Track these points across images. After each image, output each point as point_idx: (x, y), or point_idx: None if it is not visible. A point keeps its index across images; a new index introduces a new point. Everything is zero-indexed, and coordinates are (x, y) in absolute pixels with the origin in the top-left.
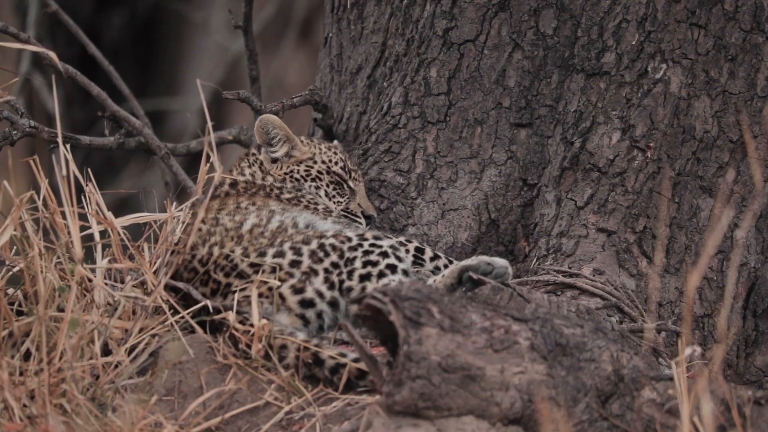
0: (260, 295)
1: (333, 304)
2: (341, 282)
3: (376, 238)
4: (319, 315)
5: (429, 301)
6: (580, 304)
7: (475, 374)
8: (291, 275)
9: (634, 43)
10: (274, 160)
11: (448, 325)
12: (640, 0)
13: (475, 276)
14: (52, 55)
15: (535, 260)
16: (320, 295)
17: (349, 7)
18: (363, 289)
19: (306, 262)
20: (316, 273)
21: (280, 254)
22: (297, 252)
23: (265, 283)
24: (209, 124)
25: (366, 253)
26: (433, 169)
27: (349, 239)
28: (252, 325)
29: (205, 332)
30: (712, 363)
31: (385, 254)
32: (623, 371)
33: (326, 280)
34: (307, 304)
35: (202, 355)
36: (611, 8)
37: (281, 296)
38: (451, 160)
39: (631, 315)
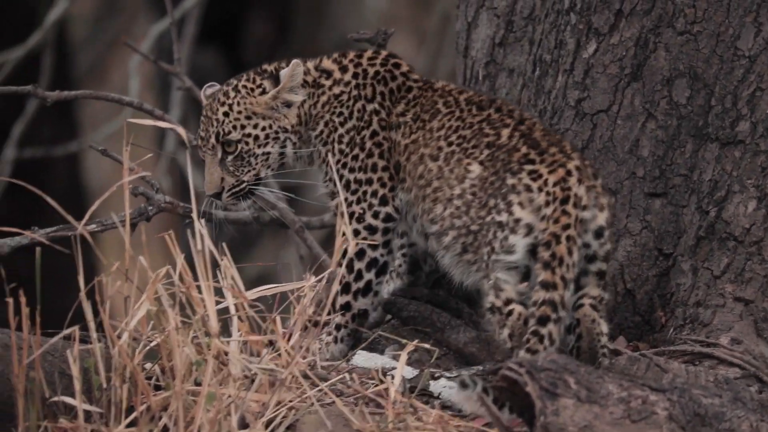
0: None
1: None
2: None
3: None
4: None
5: (565, 371)
6: (718, 374)
7: None
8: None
9: None
10: None
11: (584, 396)
12: None
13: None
14: (182, 131)
15: (671, 330)
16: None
17: (481, 79)
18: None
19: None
20: None
21: None
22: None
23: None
24: (342, 196)
25: None
26: None
27: None
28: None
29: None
30: None
31: None
32: None
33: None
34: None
35: (339, 428)
36: (745, 77)
37: (550, 337)
38: None
39: None
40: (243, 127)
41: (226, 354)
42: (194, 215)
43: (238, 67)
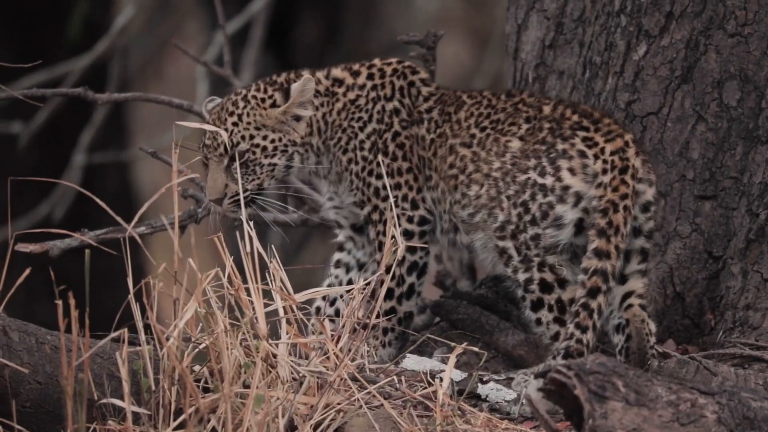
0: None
1: None
2: None
3: None
4: None
5: (614, 374)
6: (767, 377)
7: None
8: None
9: None
10: None
11: (633, 399)
12: None
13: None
14: (224, 134)
15: (721, 333)
16: None
17: (531, 81)
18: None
19: None
20: None
21: None
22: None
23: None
24: (391, 200)
25: None
26: None
27: None
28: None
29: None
30: None
31: None
32: None
33: None
34: None
35: (387, 430)
36: None
37: (599, 309)
38: None
39: None
40: (252, 137)
41: (275, 356)
42: (243, 218)
43: (289, 69)
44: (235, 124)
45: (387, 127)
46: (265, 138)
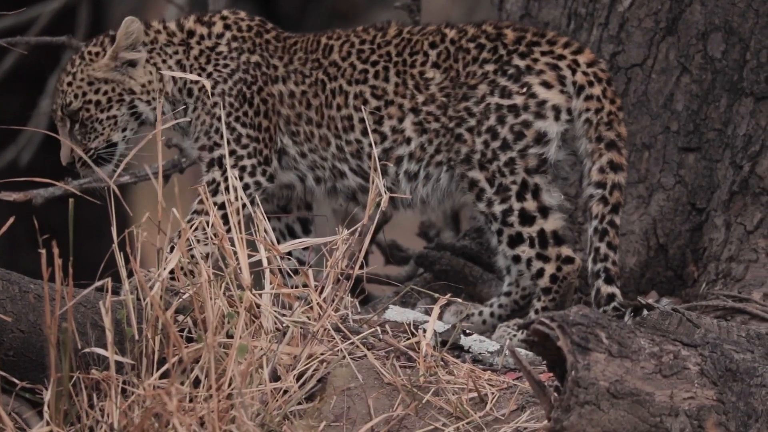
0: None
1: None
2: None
3: None
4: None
5: (597, 326)
6: (750, 329)
7: (644, 399)
8: None
9: None
10: None
11: (616, 351)
12: None
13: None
14: (207, 84)
15: (704, 285)
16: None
17: None
18: None
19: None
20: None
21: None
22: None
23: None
24: (374, 151)
25: None
26: None
27: None
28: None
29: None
30: None
31: None
32: None
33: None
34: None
35: (370, 381)
36: None
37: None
38: None
39: None
40: (84, 94)
41: (258, 307)
42: (227, 166)
43: (273, 20)
44: (69, 84)
45: (253, 79)
46: (97, 92)
